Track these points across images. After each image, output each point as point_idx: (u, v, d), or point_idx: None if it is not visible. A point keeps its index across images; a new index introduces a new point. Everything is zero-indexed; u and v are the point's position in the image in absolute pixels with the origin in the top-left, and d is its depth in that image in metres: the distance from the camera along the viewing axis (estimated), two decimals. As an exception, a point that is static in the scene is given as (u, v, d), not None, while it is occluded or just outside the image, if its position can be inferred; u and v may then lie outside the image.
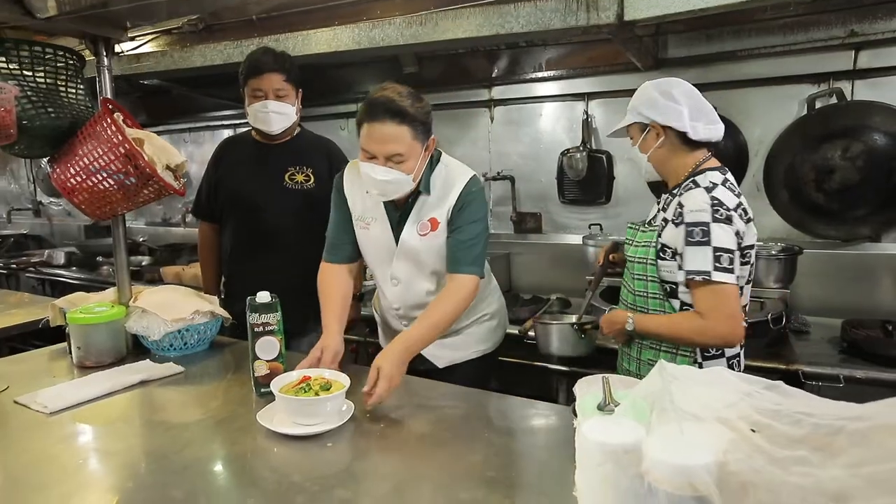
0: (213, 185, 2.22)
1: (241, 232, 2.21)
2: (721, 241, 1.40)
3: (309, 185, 2.17)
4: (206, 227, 2.35)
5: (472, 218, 1.65)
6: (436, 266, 1.71)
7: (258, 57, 2.06)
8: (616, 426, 0.92)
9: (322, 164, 2.20)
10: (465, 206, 1.65)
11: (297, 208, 2.16)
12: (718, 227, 1.40)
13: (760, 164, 2.66)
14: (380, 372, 1.35)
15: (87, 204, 1.60)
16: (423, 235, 1.67)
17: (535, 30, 1.95)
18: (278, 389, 1.25)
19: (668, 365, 1.02)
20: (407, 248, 1.69)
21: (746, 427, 0.90)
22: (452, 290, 1.61)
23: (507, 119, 3.26)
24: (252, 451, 1.18)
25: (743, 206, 1.47)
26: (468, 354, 1.82)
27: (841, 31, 2.38)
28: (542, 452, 1.16)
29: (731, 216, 1.42)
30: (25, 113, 1.49)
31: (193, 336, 1.79)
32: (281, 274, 2.08)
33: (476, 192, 1.68)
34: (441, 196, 1.66)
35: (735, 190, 1.49)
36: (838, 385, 1.79)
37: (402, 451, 1.18)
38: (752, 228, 1.48)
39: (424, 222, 1.67)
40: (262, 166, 2.16)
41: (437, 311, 1.60)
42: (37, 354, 1.83)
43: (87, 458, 1.17)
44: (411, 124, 1.51)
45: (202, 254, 2.39)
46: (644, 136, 1.59)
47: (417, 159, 1.57)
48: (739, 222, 1.43)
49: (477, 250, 1.64)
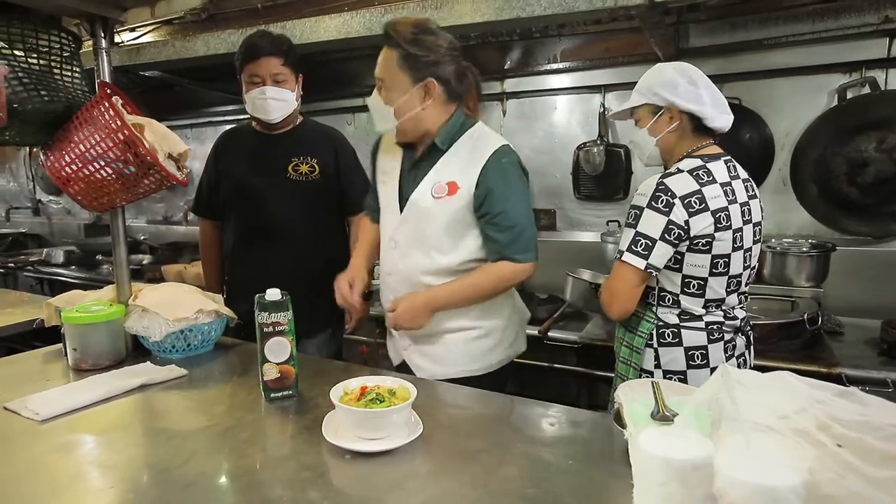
0: (214, 180, 2.12)
1: (243, 227, 2.10)
2: (646, 227, 1.44)
3: (314, 176, 2.06)
4: (206, 225, 2.24)
5: (508, 196, 1.51)
6: (440, 239, 1.58)
7: (254, 41, 1.96)
8: (679, 439, 0.80)
9: (327, 154, 2.10)
10: (497, 179, 1.51)
11: (301, 200, 2.05)
12: (650, 212, 1.43)
13: (787, 158, 2.56)
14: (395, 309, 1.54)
15: (83, 194, 1.49)
16: (438, 198, 1.55)
17: (559, 13, 1.85)
18: (338, 399, 1.14)
19: (730, 369, 0.91)
20: (416, 208, 1.59)
21: (830, 440, 0.79)
22: (492, 266, 1.55)
23: (519, 112, 3.16)
24: (262, 465, 1.07)
25: (701, 195, 1.42)
26: (451, 372, 1.62)
27: (874, 17, 2.28)
28: (583, 465, 1.04)
29: (674, 203, 1.41)
30: (17, 95, 1.38)
31: (197, 337, 1.68)
32: (286, 270, 1.98)
33: (507, 163, 1.53)
34: (468, 160, 1.55)
35: (705, 178, 1.45)
36: (887, 390, 1.69)
37: (429, 463, 1.07)
38: (705, 218, 1.42)
39: (442, 184, 1.56)
40: (263, 158, 2.05)
41: (471, 276, 1.55)
42: (30, 356, 1.72)
43: (83, 471, 1.06)
44: (399, 50, 1.49)
45: (203, 252, 2.28)
46: (656, 118, 1.54)
47: (402, 94, 1.51)
48: (681, 211, 1.41)
49: (520, 234, 1.53)
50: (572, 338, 2.18)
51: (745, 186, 1.53)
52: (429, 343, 1.66)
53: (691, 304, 1.50)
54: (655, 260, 1.45)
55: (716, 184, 1.45)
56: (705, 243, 1.44)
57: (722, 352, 1.51)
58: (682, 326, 1.51)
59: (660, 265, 1.47)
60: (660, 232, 1.43)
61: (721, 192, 1.45)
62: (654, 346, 1.52)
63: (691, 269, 1.47)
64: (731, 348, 1.53)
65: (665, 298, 1.52)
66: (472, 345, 1.64)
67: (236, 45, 2.50)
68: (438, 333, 1.64)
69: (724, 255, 1.46)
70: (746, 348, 1.59)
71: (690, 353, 1.50)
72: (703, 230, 1.43)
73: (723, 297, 1.50)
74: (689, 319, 1.51)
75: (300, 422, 1.25)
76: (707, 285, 1.48)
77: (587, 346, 2.16)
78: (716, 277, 1.48)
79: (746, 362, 1.59)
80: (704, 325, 1.50)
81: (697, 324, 1.51)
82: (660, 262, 1.46)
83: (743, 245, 1.49)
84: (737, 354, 1.55)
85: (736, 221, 1.46)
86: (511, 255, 1.52)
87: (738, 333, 1.54)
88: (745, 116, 2.59)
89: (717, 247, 1.45)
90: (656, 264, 1.46)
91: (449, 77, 1.55)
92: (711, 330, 1.50)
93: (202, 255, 2.31)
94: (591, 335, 2.19)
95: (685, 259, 1.47)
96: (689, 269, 1.48)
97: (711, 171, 1.47)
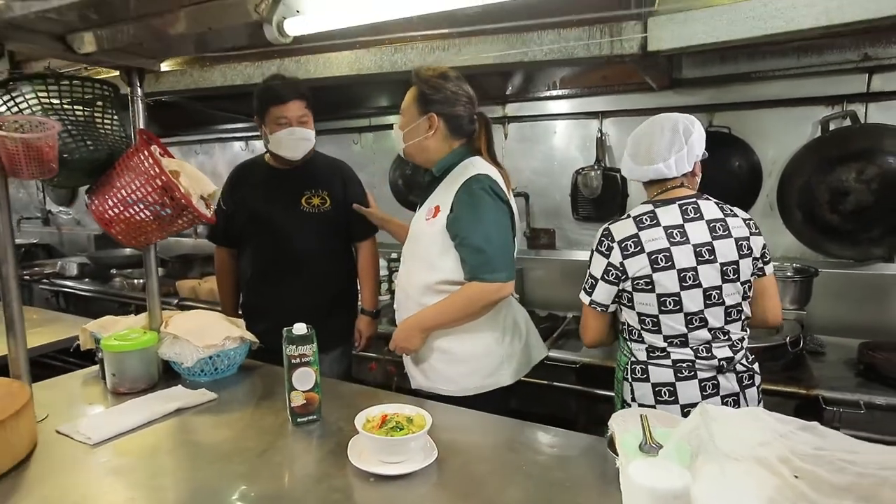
0: (230, 212, 2.25)
1: (259, 257, 2.25)
2: (593, 268, 1.65)
3: (325, 208, 2.21)
4: (222, 252, 2.38)
5: (477, 219, 1.65)
6: (429, 256, 1.76)
7: (278, 85, 2.09)
8: (663, 470, 0.94)
9: (337, 186, 2.26)
10: (464, 205, 1.66)
11: (314, 231, 2.20)
12: (597, 255, 1.64)
13: (774, 185, 2.70)
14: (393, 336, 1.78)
15: (123, 234, 1.63)
16: (427, 220, 1.77)
17: (559, 58, 1.99)
18: (362, 427, 1.27)
19: (709, 407, 1.06)
20: (414, 229, 1.86)
21: (789, 472, 0.93)
22: (466, 286, 1.69)
23: (521, 136, 3.30)
24: (297, 486, 1.21)
25: (637, 238, 1.56)
26: (433, 386, 1.81)
27: (854, 54, 2.42)
28: (581, 485, 1.18)
29: (612, 247, 1.59)
30: (66, 146, 1.52)
31: (224, 361, 1.81)
32: (300, 295, 2.13)
33: (476, 190, 1.66)
34: (450, 185, 1.74)
35: (647, 222, 1.57)
36: (859, 412, 1.82)
37: (444, 485, 1.21)
38: (640, 260, 1.55)
39: (431, 208, 1.78)
40: (278, 191, 2.20)
41: (449, 297, 1.72)
42: (69, 379, 1.85)
43: (137, 494, 1.19)
44: (415, 88, 1.77)
45: (220, 279, 2.42)
46: None
47: (411, 121, 1.77)
48: (618, 254, 1.58)
49: (488, 256, 1.64)
50: (571, 357, 2.31)
51: (712, 227, 1.56)
52: (420, 358, 1.85)
53: (653, 339, 1.60)
54: (598, 297, 1.64)
55: (658, 227, 1.56)
56: (646, 283, 1.56)
57: (697, 390, 1.56)
58: (650, 363, 1.60)
59: (604, 301, 1.64)
60: (601, 272, 1.61)
61: (663, 235, 1.54)
62: (629, 379, 1.64)
63: (642, 308, 1.59)
64: (710, 387, 1.57)
65: (633, 332, 1.64)
66: (448, 367, 1.79)
67: (252, 77, 2.65)
68: (425, 351, 1.82)
69: (671, 293, 1.54)
70: (743, 388, 1.60)
71: (658, 390, 1.58)
72: (638, 271, 1.55)
73: (684, 332, 1.56)
74: (657, 357, 1.60)
75: (325, 446, 1.39)
76: (660, 322, 1.57)
77: (586, 367, 2.29)
78: (668, 315, 1.56)
79: (738, 404, 1.58)
80: (672, 362, 1.58)
81: (664, 361, 1.59)
82: (603, 298, 1.63)
83: (700, 283, 1.53)
84: (723, 394, 1.58)
85: (682, 262, 1.53)
86: (480, 275, 1.65)
87: (721, 373, 1.58)
88: (734, 144, 2.74)
89: (660, 286, 1.54)
90: (599, 301, 1.64)
91: (453, 116, 1.76)
92: (679, 368, 1.57)
93: (218, 280, 2.45)
94: (590, 355, 2.32)
95: (634, 297, 1.59)
96: (640, 308, 1.59)
97: (657, 215, 1.58)
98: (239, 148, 4.54)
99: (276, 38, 1.26)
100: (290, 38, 1.30)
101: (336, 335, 2.30)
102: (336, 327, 2.30)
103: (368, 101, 3.57)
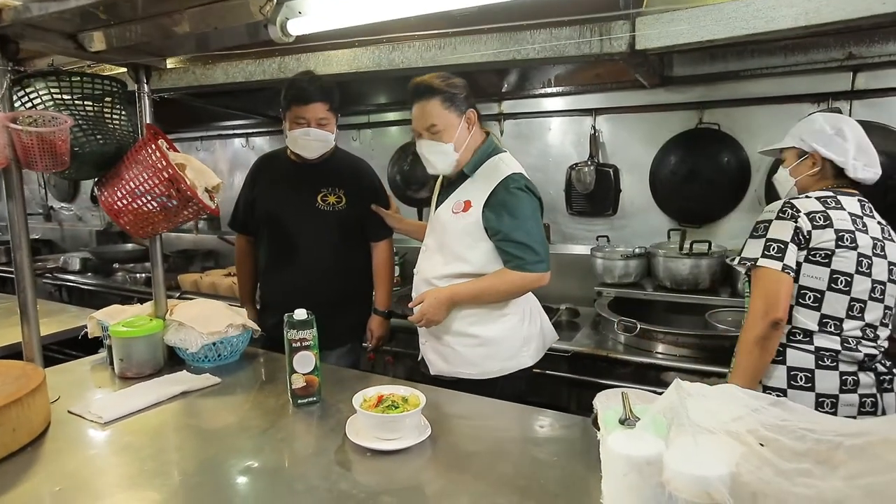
0: (250, 202, 2.31)
1: (274, 249, 2.31)
2: (776, 233, 1.57)
3: (340, 207, 2.25)
4: (242, 240, 2.45)
5: (515, 216, 1.74)
6: (456, 248, 1.84)
7: (304, 86, 2.08)
8: (638, 440, 1.02)
9: (353, 185, 2.29)
10: (506, 205, 1.75)
11: (328, 229, 2.24)
12: (779, 222, 1.57)
13: (762, 180, 2.77)
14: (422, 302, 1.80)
15: (131, 225, 1.69)
16: (455, 214, 1.84)
17: (550, 56, 2.06)
18: (359, 405, 1.35)
19: (683, 383, 1.13)
20: (439, 220, 1.90)
21: (755, 441, 1.01)
22: (507, 271, 1.77)
23: (516, 132, 3.37)
24: (298, 460, 1.28)
25: (826, 214, 1.54)
26: (454, 371, 1.88)
27: (839, 53, 2.49)
28: (567, 461, 1.25)
29: (798, 216, 1.55)
30: (77, 141, 1.59)
31: (227, 348, 1.88)
32: (312, 290, 2.18)
33: (514, 190, 1.75)
34: (484, 183, 1.80)
35: (832, 204, 1.57)
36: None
37: (437, 460, 1.28)
38: (828, 233, 1.53)
39: (460, 202, 1.84)
40: (296, 187, 2.25)
41: (489, 278, 1.79)
42: (78, 365, 1.92)
43: (148, 466, 1.26)
44: (439, 96, 1.77)
45: (238, 265, 2.50)
46: (800, 161, 1.72)
47: (455, 129, 1.79)
48: (805, 222, 1.54)
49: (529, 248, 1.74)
50: (563, 347, 2.38)
51: (882, 228, 1.60)
52: (440, 342, 1.91)
53: (805, 318, 1.55)
54: (789, 260, 1.53)
55: (843, 210, 1.56)
56: (824, 255, 1.52)
57: (836, 382, 1.51)
58: (789, 345, 1.56)
59: (794, 266, 1.53)
60: (790, 235, 1.54)
61: (848, 218, 1.54)
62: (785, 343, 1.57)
63: (808, 281, 1.54)
64: (851, 383, 1.52)
65: None
66: (470, 350, 1.87)
67: (254, 75, 2.72)
68: (446, 335, 1.88)
69: (846, 272, 1.52)
70: (881, 390, 1.54)
71: (793, 374, 1.54)
72: (823, 243, 1.52)
73: (841, 317, 1.53)
74: (797, 340, 1.56)
75: (325, 425, 1.46)
76: (824, 299, 1.53)
77: (577, 355, 2.36)
78: (835, 293, 1.53)
79: (876, 406, 1.53)
80: (815, 348, 1.54)
81: (806, 346, 1.55)
82: (793, 262, 1.53)
83: (871, 274, 1.53)
84: (861, 392, 1.52)
85: (864, 248, 1.52)
86: (523, 266, 1.75)
87: (862, 370, 1.53)
88: (723, 141, 2.81)
89: (838, 262, 1.52)
90: (792, 264, 1.53)
91: (475, 105, 1.86)
92: (822, 356, 1.53)
93: (237, 267, 2.52)
94: (581, 345, 2.39)
95: (801, 270, 1.54)
96: (805, 280, 1.54)
97: (841, 201, 1.58)
98: (239, 144, 4.61)
99: (280, 37, 1.33)
100: (293, 37, 1.37)
101: (346, 332, 2.33)
102: (346, 325, 2.32)
103: (367, 98, 3.64)
